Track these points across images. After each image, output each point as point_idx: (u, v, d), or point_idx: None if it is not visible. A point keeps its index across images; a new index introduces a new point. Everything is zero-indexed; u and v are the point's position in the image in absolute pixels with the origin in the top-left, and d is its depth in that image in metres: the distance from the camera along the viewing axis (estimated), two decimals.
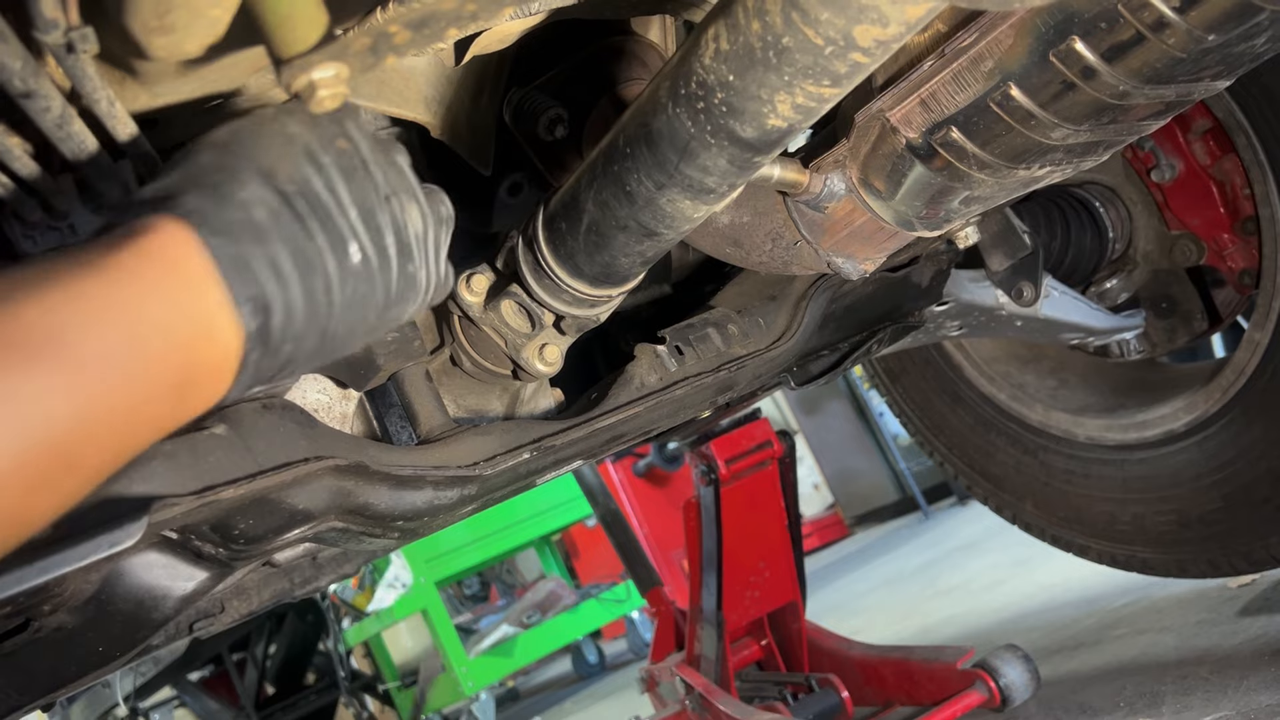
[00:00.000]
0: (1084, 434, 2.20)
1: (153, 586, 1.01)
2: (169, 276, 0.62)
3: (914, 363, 2.46)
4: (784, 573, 2.70)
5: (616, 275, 1.09)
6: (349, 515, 1.06)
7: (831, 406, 7.97)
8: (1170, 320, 2.10)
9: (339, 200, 0.72)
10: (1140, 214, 2.07)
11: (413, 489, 1.08)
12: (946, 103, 1.00)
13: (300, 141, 0.71)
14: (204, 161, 0.68)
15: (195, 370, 0.63)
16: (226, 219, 0.65)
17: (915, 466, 7.40)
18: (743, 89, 0.79)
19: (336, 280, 0.71)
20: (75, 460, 0.58)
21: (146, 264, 0.62)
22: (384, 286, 0.75)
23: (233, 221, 0.65)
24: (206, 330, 0.63)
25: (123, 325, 0.59)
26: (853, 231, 1.17)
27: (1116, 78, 0.91)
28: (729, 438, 2.53)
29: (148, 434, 0.64)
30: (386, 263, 0.75)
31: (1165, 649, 2.18)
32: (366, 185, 0.74)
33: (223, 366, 0.65)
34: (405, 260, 0.76)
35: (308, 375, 1.17)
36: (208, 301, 0.63)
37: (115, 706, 5.41)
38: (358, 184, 0.73)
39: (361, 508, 1.06)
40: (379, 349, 0.86)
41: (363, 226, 0.73)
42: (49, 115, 0.72)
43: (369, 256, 0.73)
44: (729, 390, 1.38)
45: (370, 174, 0.75)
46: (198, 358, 0.63)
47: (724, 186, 0.91)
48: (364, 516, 1.07)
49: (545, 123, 1.40)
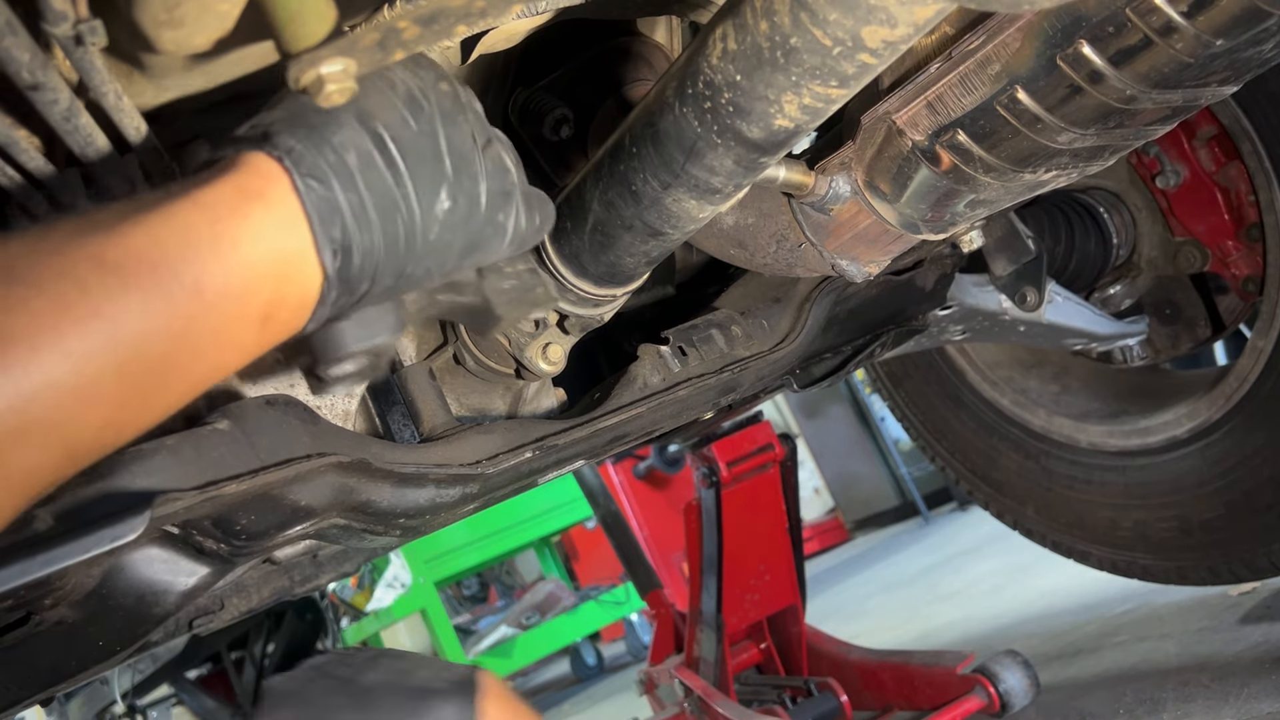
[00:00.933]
0: (1086, 440, 2.20)
1: (153, 581, 1.01)
2: (262, 214, 0.66)
3: (917, 367, 2.46)
4: (784, 576, 2.69)
5: (621, 275, 1.09)
6: (351, 512, 1.06)
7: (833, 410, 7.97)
8: (1174, 327, 2.10)
9: (436, 145, 0.73)
10: (1145, 220, 2.07)
11: (415, 487, 1.08)
12: (953, 105, 1.00)
13: (403, 86, 0.73)
14: (306, 100, 0.68)
15: (279, 304, 0.67)
16: (320, 162, 0.68)
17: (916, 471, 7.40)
18: (750, 89, 0.79)
19: (420, 227, 0.72)
20: (168, 378, 0.63)
21: (242, 200, 0.65)
22: (469, 233, 0.76)
23: (326, 165, 0.68)
24: (292, 268, 0.67)
25: (218, 256, 0.63)
26: (857, 234, 1.17)
27: (1124, 82, 0.91)
28: (731, 440, 2.53)
29: (233, 359, 0.67)
30: (476, 210, 0.76)
31: (1166, 656, 2.18)
32: (465, 130, 0.75)
33: (304, 301, 0.69)
34: (495, 209, 0.77)
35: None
36: (295, 241, 0.67)
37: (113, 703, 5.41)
38: (457, 129, 0.75)
39: (364, 505, 1.06)
40: (496, 296, 0.85)
41: (455, 173, 0.74)
42: (56, 108, 0.72)
43: (458, 204, 0.74)
44: (732, 392, 1.38)
45: (468, 119, 0.76)
46: (282, 292, 0.67)
47: (730, 187, 0.91)
48: (366, 514, 1.07)
49: (550, 123, 1.40)
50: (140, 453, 0.91)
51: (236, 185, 0.66)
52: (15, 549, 0.81)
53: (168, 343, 0.61)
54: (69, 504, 0.88)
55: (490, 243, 0.79)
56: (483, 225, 0.77)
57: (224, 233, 0.63)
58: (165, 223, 0.62)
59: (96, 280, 0.58)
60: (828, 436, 7.99)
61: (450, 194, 0.73)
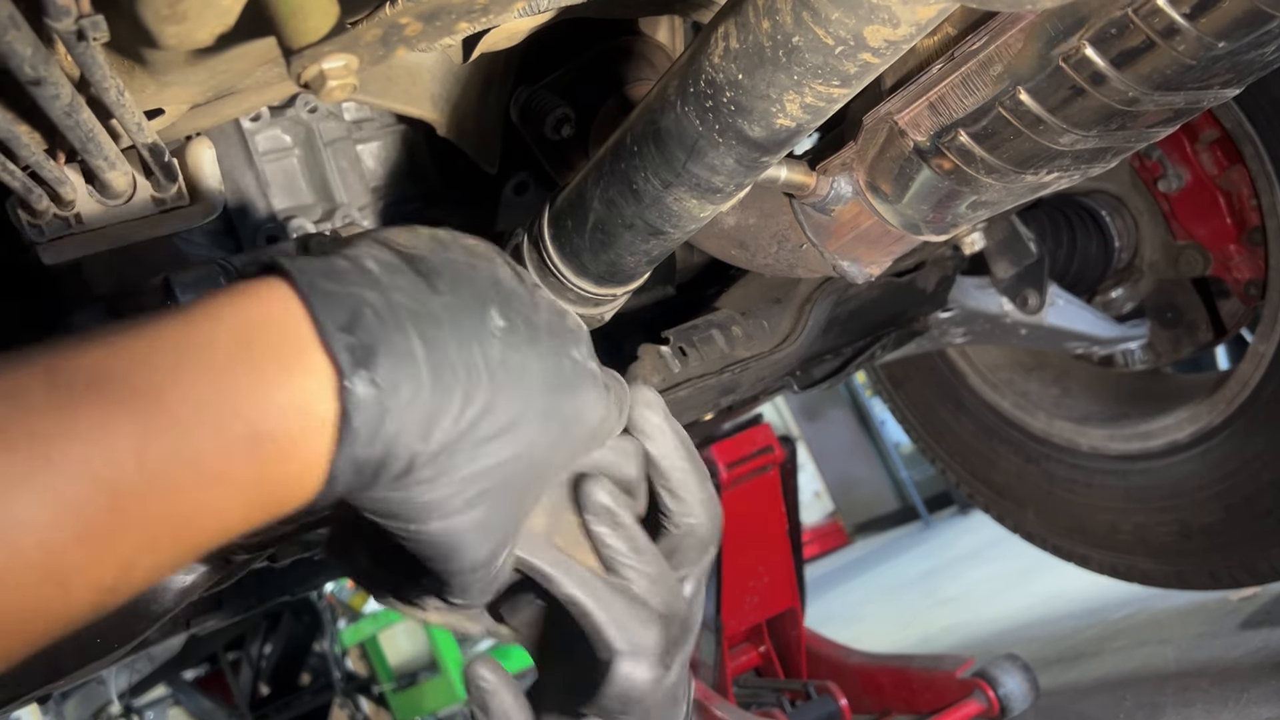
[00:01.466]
0: (1087, 443, 2.20)
1: None
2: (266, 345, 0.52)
3: (917, 369, 2.46)
4: (783, 579, 2.69)
5: (622, 274, 1.09)
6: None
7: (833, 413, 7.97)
8: (1175, 330, 2.10)
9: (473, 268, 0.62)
10: (1146, 223, 2.07)
11: None
12: (955, 106, 0.99)
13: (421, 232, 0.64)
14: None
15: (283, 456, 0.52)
16: (329, 264, 0.56)
17: (917, 475, 7.40)
18: (751, 88, 0.79)
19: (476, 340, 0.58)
20: (136, 517, 0.48)
21: (245, 325, 0.53)
22: (544, 363, 0.61)
23: (336, 266, 0.56)
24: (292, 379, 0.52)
25: (209, 380, 0.50)
26: (859, 235, 1.17)
27: (1126, 84, 0.90)
28: (730, 442, 2.53)
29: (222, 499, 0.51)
30: (537, 335, 0.62)
31: (1165, 661, 2.18)
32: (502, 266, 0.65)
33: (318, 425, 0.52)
34: (563, 342, 0.64)
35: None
36: (307, 380, 0.52)
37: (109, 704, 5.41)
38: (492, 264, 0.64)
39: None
40: None
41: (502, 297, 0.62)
42: (58, 103, 0.71)
43: (515, 324, 0.60)
44: (732, 392, 1.38)
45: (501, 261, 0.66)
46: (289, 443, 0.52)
47: (731, 186, 0.91)
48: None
49: (552, 122, 1.40)
50: None
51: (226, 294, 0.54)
52: None
53: (138, 472, 0.47)
54: None
55: (577, 384, 0.63)
56: (556, 357, 0.62)
57: (217, 359, 0.51)
58: (148, 341, 0.50)
59: (43, 398, 0.46)
60: (828, 439, 7.99)
61: (502, 313, 0.60)
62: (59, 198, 0.84)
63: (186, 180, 0.91)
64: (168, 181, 0.89)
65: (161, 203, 0.90)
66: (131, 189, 0.88)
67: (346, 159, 1.54)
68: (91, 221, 0.87)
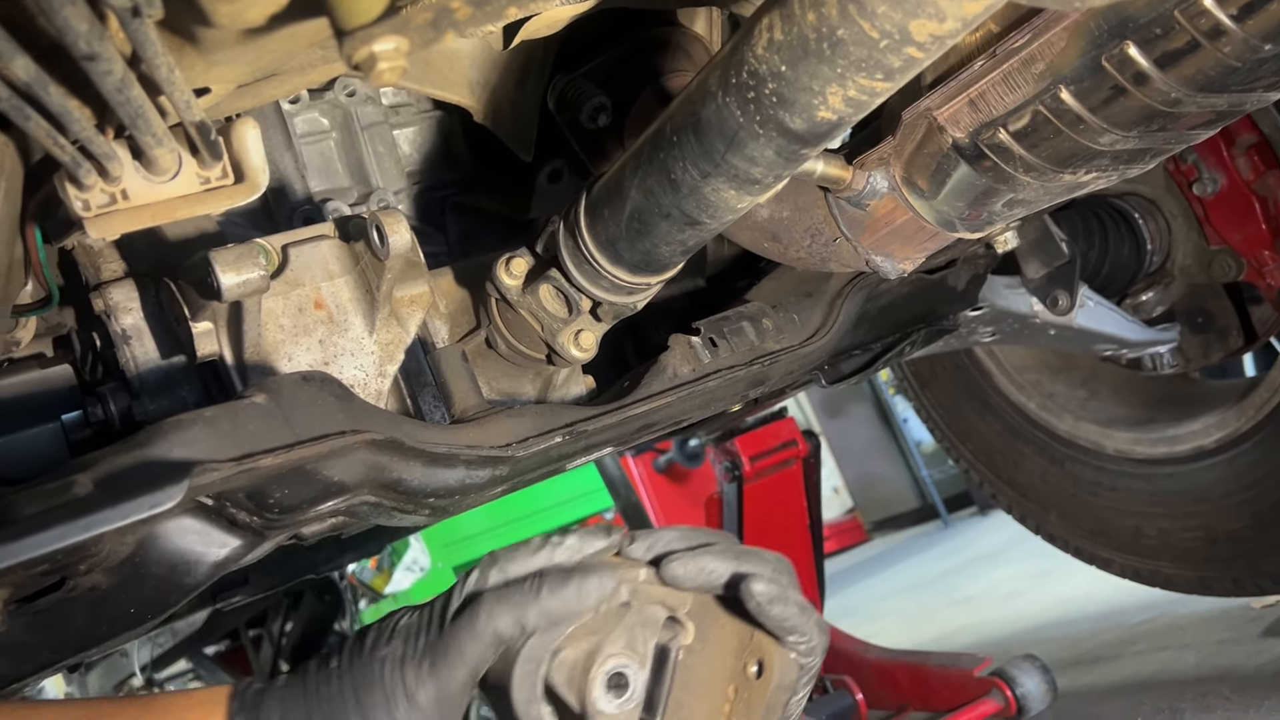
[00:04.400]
0: (1113, 446, 2.19)
1: (186, 551, 1.02)
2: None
3: (944, 368, 2.46)
4: (803, 573, 2.69)
5: (656, 263, 1.09)
6: (382, 490, 1.06)
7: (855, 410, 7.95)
8: (1205, 336, 2.09)
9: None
10: (1180, 227, 2.05)
11: (445, 467, 1.09)
12: (995, 103, 0.99)
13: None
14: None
15: None
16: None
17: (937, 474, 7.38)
18: (794, 80, 0.79)
19: None
20: None
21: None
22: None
23: None
24: None
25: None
26: (893, 230, 1.17)
27: (1169, 84, 0.90)
28: (754, 435, 2.53)
29: None
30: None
31: (1185, 666, 2.17)
32: None
33: None
34: None
35: (343, 352, 1.18)
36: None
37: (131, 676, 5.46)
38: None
39: (395, 483, 1.07)
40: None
41: None
42: (110, 79, 0.73)
43: None
44: (761, 385, 1.38)
45: None
46: None
47: (769, 178, 0.91)
48: (397, 492, 1.08)
49: (589, 110, 1.40)
50: (179, 423, 0.93)
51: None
52: (55, 513, 0.82)
53: None
54: (108, 471, 0.89)
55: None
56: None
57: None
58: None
59: None
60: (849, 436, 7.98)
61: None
62: (106, 173, 0.86)
63: (231, 160, 0.92)
64: (213, 160, 0.90)
65: (206, 181, 0.91)
66: (177, 167, 0.89)
67: (383, 143, 1.55)
68: (137, 198, 0.88)
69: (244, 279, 1.00)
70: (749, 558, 0.94)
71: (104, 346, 1.26)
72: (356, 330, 1.18)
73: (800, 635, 0.93)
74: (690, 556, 0.93)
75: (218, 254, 1.00)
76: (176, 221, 1.16)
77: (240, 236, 1.32)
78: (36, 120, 0.74)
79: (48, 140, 0.77)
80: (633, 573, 0.93)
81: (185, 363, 1.20)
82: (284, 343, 1.15)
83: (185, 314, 1.11)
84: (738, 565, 0.93)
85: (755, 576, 0.92)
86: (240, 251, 1.01)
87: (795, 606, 0.92)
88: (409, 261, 1.14)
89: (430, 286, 1.21)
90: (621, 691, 0.90)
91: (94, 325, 1.27)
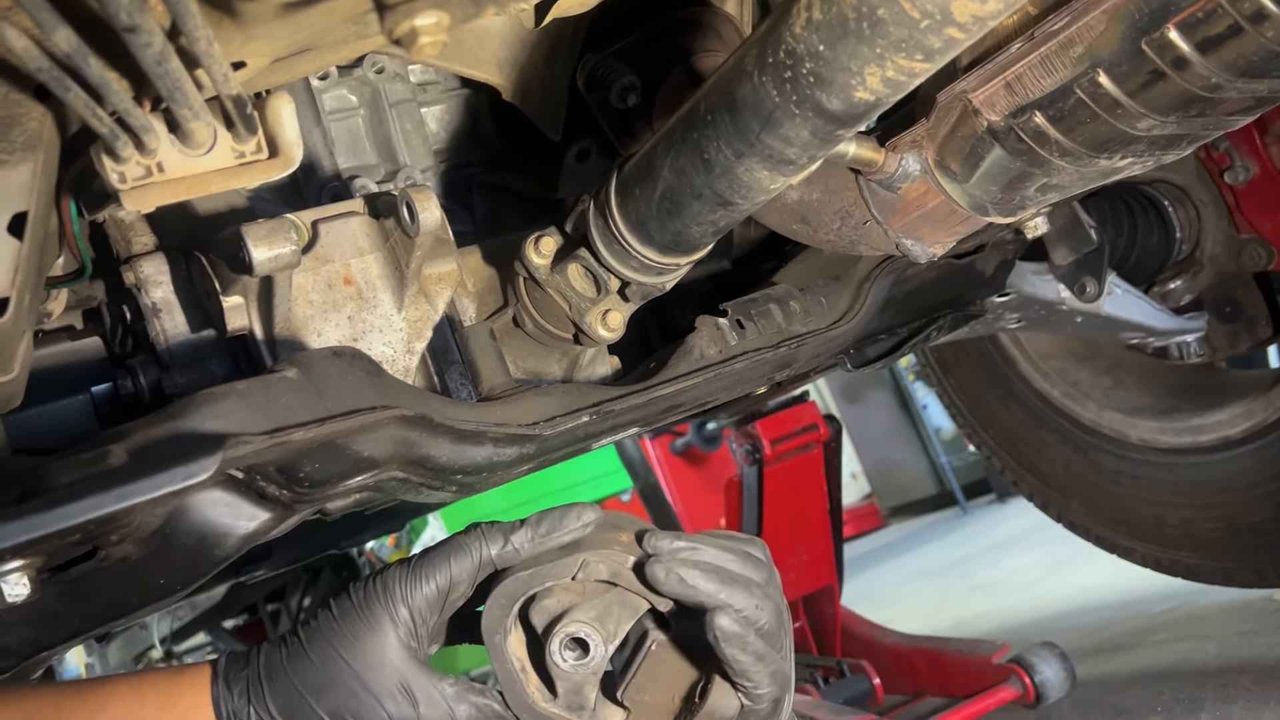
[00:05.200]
0: (1137, 435, 2.18)
1: (215, 524, 1.03)
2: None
3: (967, 354, 2.45)
4: (822, 557, 2.70)
5: (687, 244, 1.09)
6: (410, 466, 1.07)
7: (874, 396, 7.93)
8: (1233, 325, 2.07)
9: None
10: (1210, 215, 2.04)
11: (473, 444, 1.09)
12: (1032, 87, 0.98)
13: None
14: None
15: None
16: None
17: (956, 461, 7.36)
18: (832, 59, 0.79)
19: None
20: None
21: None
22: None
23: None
24: None
25: None
26: (925, 213, 1.16)
27: (1209, 69, 0.89)
28: (775, 418, 2.53)
29: None
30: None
31: (1206, 657, 2.17)
32: None
33: None
34: None
35: (372, 328, 1.18)
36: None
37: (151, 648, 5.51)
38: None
39: (423, 459, 1.07)
40: None
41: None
42: (150, 50, 0.73)
43: None
44: (787, 368, 1.38)
45: None
46: None
47: (804, 158, 0.91)
48: (425, 468, 1.08)
49: (618, 90, 1.40)
50: (212, 396, 0.93)
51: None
52: (90, 483, 0.83)
53: None
54: (142, 442, 0.90)
55: None
56: None
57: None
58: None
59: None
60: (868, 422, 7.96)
61: None
62: (143, 145, 0.86)
63: (265, 134, 0.92)
64: (248, 134, 0.90)
65: (240, 155, 0.91)
66: (212, 140, 0.89)
67: (411, 121, 1.55)
68: (172, 171, 0.89)
69: (276, 254, 1.00)
70: (735, 587, 0.94)
71: (134, 319, 1.27)
72: (385, 307, 1.18)
73: (748, 681, 0.94)
74: (676, 564, 0.94)
75: (250, 228, 1.01)
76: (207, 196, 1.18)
77: (269, 212, 1.32)
78: (76, 91, 0.75)
79: (86, 112, 0.77)
80: (622, 556, 0.97)
81: (214, 337, 1.20)
82: (313, 318, 1.15)
83: (216, 288, 1.11)
84: (719, 591, 0.93)
85: (724, 610, 0.92)
86: (272, 226, 1.02)
87: (751, 655, 0.93)
88: (438, 239, 1.14)
89: (459, 264, 1.21)
90: (580, 654, 0.95)
91: (124, 298, 1.27)
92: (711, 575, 0.94)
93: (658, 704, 1.00)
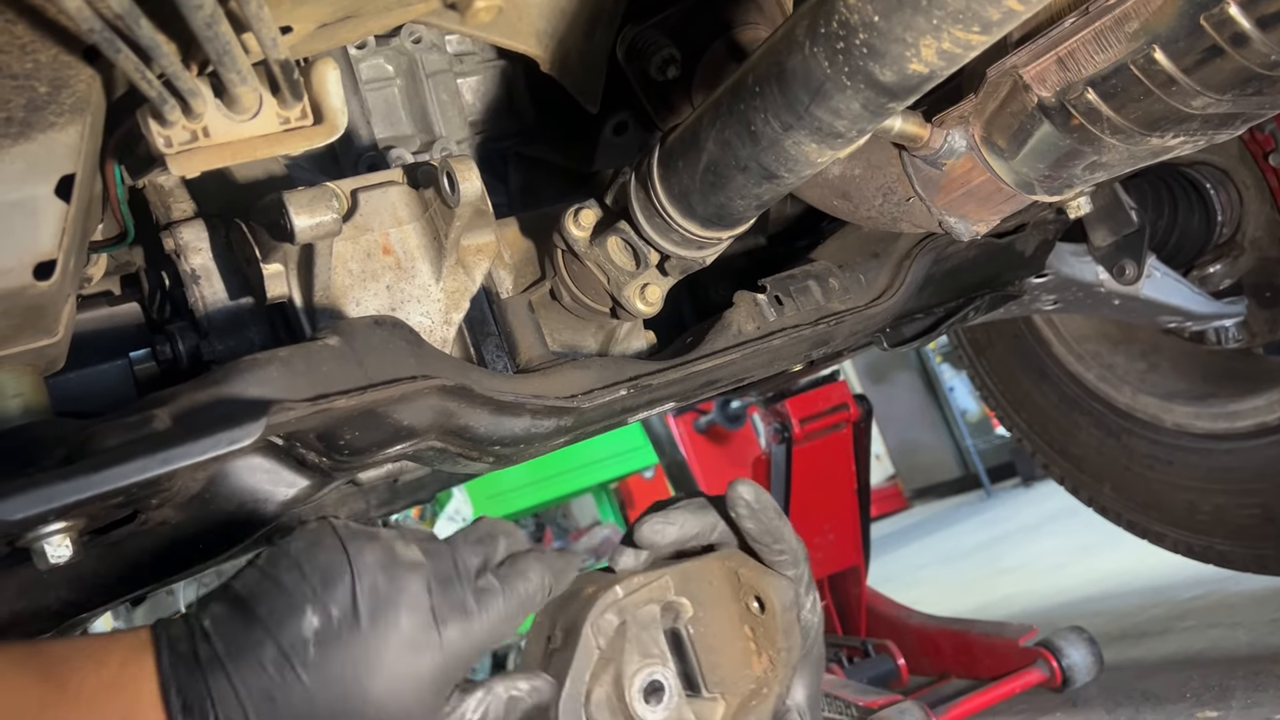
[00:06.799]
0: (1171, 420, 2.16)
1: (255, 490, 1.04)
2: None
3: (1001, 335, 2.43)
4: (849, 536, 2.69)
5: (729, 218, 1.08)
6: (449, 435, 1.07)
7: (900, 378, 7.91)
8: (1273, 310, 2.04)
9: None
10: (1252, 199, 2.01)
11: (512, 415, 1.09)
12: (1085, 62, 0.97)
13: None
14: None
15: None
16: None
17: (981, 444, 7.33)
18: (887, 30, 0.78)
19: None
20: None
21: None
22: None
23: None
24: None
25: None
26: (969, 190, 1.15)
27: (1269, 46, 0.87)
28: (805, 397, 2.52)
29: None
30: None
31: (1237, 644, 2.15)
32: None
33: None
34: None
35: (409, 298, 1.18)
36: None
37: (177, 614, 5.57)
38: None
39: (462, 429, 1.07)
40: None
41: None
42: (201, 13, 0.72)
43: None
44: (824, 345, 1.37)
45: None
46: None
47: (853, 131, 0.90)
48: (463, 438, 1.08)
49: (658, 62, 1.38)
50: (255, 362, 0.93)
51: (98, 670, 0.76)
52: (135, 446, 0.83)
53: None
54: (187, 406, 0.90)
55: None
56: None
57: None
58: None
59: None
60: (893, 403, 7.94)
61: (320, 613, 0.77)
62: (190, 109, 0.86)
63: (310, 101, 0.92)
64: (294, 100, 0.89)
65: (286, 121, 0.91)
66: (258, 106, 0.89)
67: (447, 92, 1.54)
68: (218, 136, 0.88)
69: (317, 221, 1.00)
70: (714, 501, 1.02)
71: (172, 286, 1.27)
72: (423, 277, 1.18)
73: (776, 541, 0.99)
74: (655, 517, 0.99)
75: (291, 196, 1.00)
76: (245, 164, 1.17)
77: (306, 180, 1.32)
78: (126, 53, 0.74)
79: (136, 74, 0.77)
80: (611, 594, 0.96)
81: (253, 304, 1.20)
82: (352, 287, 1.15)
83: (256, 255, 1.11)
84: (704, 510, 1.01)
85: (734, 494, 0.99)
86: (313, 194, 1.01)
87: (770, 514, 0.99)
88: (478, 210, 1.14)
89: (497, 236, 1.21)
90: (660, 695, 0.94)
91: (163, 264, 1.28)
92: (686, 505, 1.02)
93: (735, 662, 1.00)
